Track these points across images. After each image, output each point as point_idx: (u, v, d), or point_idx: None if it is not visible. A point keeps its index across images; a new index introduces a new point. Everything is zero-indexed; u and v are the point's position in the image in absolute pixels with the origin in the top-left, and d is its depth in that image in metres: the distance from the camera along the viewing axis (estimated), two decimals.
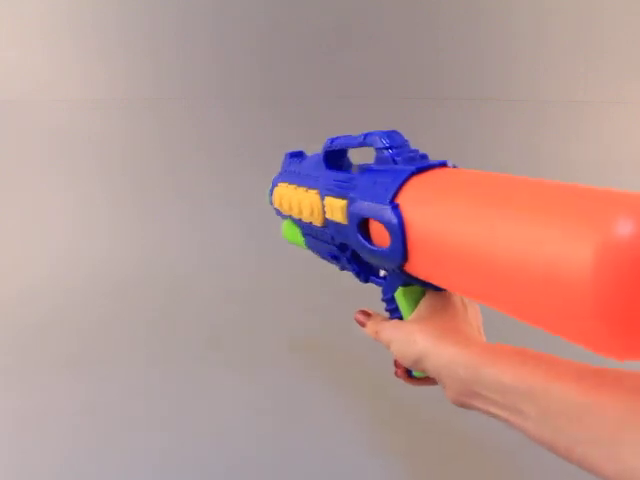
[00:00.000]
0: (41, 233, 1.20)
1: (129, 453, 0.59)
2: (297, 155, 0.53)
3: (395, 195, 0.30)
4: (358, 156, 0.43)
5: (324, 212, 0.40)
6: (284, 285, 1.07)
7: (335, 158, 0.43)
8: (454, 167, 0.32)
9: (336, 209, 0.37)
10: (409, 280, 0.34)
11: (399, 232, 0.29)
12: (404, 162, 0.33)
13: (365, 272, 0.42)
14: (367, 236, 0.34)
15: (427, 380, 0.37)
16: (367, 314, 0.40)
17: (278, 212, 0.55)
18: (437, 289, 0.35)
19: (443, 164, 0.32)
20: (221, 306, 0.98)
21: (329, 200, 0.38)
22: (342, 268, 0.47)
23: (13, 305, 1.00)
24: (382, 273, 0.41)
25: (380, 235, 0.32)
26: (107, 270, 1.12)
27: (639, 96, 1.33)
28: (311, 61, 1.23)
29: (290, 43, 1.21)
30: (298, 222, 0.49)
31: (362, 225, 0.34)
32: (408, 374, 0.38)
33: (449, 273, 0.27)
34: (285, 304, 0.99)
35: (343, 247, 0.42)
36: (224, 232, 1.22)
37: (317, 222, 0.43)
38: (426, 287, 0.35)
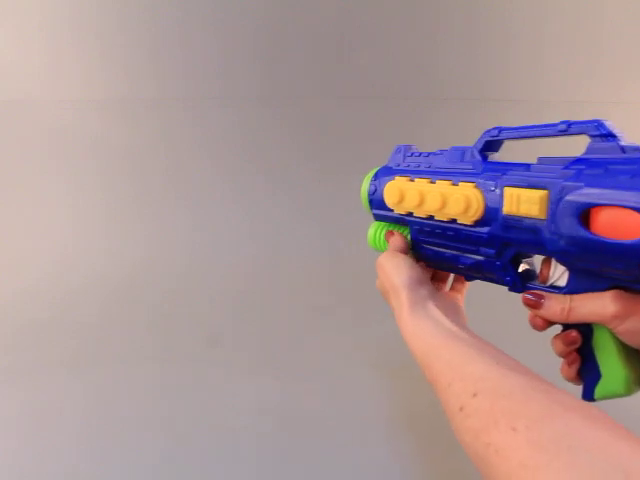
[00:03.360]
0: (41, 233, 1.20)
1: (129, 453, 0.59)
2: (411, 149, 0.48)
3: None
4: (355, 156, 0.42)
5: (488, 207, 0.37)
6: (284, 285, 1.07)
7: (488, 152, 0.40)
8: None
9: (532, 200, 0.33)
10: (622, 285, 0.31)
11: None
12: (632, 152, 0.30)
13: (521, 280, 0.38)
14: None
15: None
16: (540, 295, 0.36)
17: (380, 211, 0.49)
18: None
19: None
20: (221, 306, 0.98)
21: (515, 191, 0.34)
22: (477, 278, 0.42)
23: (13, 305, 1.00)
24: (552, 281, 0.37)
25: (618, 227, 0.29)
26: (107, 270, 1.12)
27: (639, 96, 1.33)
28: (313, 61, 1.23)
29: (291, 43, 1.21)
30: (417, 222, 0.44)
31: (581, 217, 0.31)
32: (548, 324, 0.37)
33: None
34: (285, 304, 0.99)
35: (502, 250, 0.38)
36: (224, 232, 1.22)
37: (467, 220, 0.39)
38: None
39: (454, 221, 0.40)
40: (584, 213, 0.30)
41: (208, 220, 1.24)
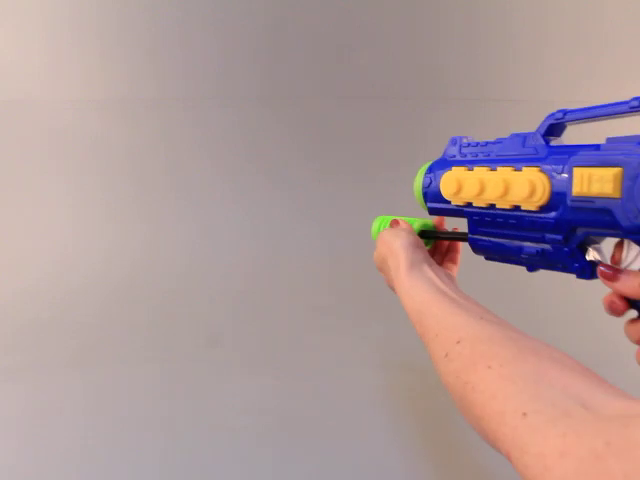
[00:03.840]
0: (41, 233, 1.20)
1: (129, 453, 0.59)
2: (468, 139, 0.47)
3: None
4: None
5: (555, 190, 0.36)
6: (284, 285, 1.07)
7: (550, 136, 0.39)
8: None
9: (605, 179, 0.32)
10: None
11: None
12: None
13: (590, 266, 0.37)
14: None
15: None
16: (617, 269, 0.35)
17: (436, 204, 0.48)
18: None
19: None
20: (221, 306, 0.98)
21: (585, 171, 0.33)
22: (541, 267, 0.41)
23: (13, 305, 1.00)
24: (626, 264, 0.35)
25: None
26: (107, 270, 1.12)
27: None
28: (313, 61, 1.23)
29: (291, 43, 1.21)
30: (476, 213, 0.43)
31: None
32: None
33: None
34: (285, 304, 0.99)
35: (570, 235, 0.37)
36: (224, 232, 1.22)
37: (532, 206, 0.37)
38: None
39: (517, 208, 0.39)
40: None
41: (208, 220, 1.24)
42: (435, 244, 0.54)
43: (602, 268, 0.35)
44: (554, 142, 0.39)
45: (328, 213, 1.24)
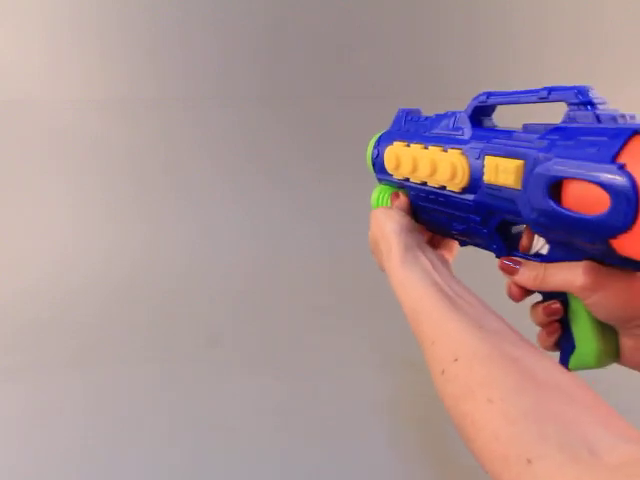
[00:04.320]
0: (41, 233, 1.20)
1: (129, 452, 0.59)
2: (414, 113, 0.47)
3: (616, 155, 0.26)
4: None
5: (472, 174, 0.37)
6: (284, 285, 1.07)
7: (481, 116, 0.39)
8: None
9: (508, 170, 0.33)
10: (596, 258, 0.31)
11: (631, 195, 0.25)
12: (608, 121, 0.29)
13: (507, 248, 0.38)
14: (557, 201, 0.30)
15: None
16: (517, 261, 0.36)
17: (383, 175, 0.49)
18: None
19: None
20: (221, 306, 0.98)
21: (494, 160, 0.34)
22: (469, 243, 0.43)
23: (13, 305, 1.00)
24: (536, 249, 0.37)
25: (583, 200, 0.28)
26: (107, 270, 1.12)
27: (639, 96, 1.33)
28: (313, 61, 1.23)
29: (291, 43, 1.21)
30: (413, 187, 0.44)
31: (552, 189, 0.30)
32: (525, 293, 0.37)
33: None
34: (285, 304, 0.99)
35: (487, 218, 0.38)
36: (224, 232, 1.22)
37: (455, 187, 0.38)
38: (625, 266, 0.30)
39: (444, 188, 0.40)
40: (555, 185, 0.29)
41: (208, 220, 1.24)
42: None
43: (504, 262, 0.37)
44: (486, 123, 0.40)
45: (328, 213, 1.24)
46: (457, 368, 0.29)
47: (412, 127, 0.46)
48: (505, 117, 0.41)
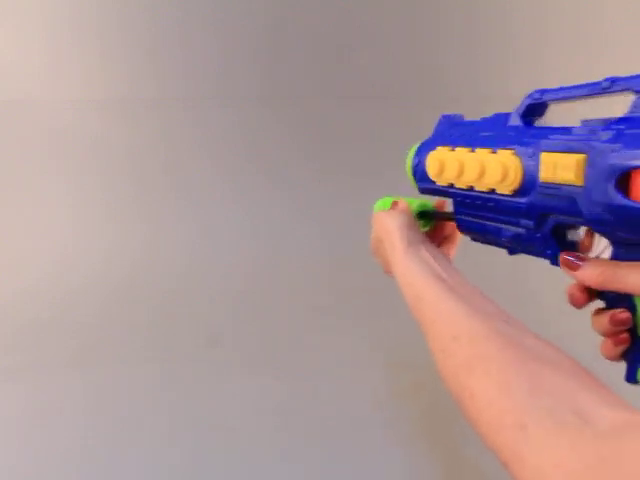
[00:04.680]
0: (41, 233, 1.20)
1: (129, 452, 0.59)
2: (456, 118, 0.46)
3: None
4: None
5: (526, 174, 0.35)
6: (284, 285, 1.07)
7: (533, 116, 0.37)
8: None
9: (568, 166, 0.31)
10: None
11: None
12: None
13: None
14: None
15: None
16: (580, 257, 0.33)
17: (424, 184, 0.46)
18: None
19: None
20: (221, 306, 0.98)
21: (551, 157, 0.32)
22: (520, 251, 0.40)
23: (13, 305, 1.00)
24: (596, 254, 0.35)
25: None
26: (107, 270, 1.12)
27: None
28: (313, 61, 1.23)
29: (291, 43, 1.21)
30: (458, 194, 0.42)
31: (619, 182, 0.28)
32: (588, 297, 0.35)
33: None
34: (285, 304, 0.99)
35: (541, 221, 0.35)
36: (224, 232, 1.22)
37: (506, 189, 0.36)
38: None
39: (493, 191, 0.38)
40: (623, 177, 0.27)
41: (208, 220, 1.24)
42: (435, 227, 0.52)
43: (565, 256, 0.34)
44: (538, 123, 0.38)
45: (328, 213, 1.24)
46: (456, 345, 0.31)
47: (456, 131, 0.44)
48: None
